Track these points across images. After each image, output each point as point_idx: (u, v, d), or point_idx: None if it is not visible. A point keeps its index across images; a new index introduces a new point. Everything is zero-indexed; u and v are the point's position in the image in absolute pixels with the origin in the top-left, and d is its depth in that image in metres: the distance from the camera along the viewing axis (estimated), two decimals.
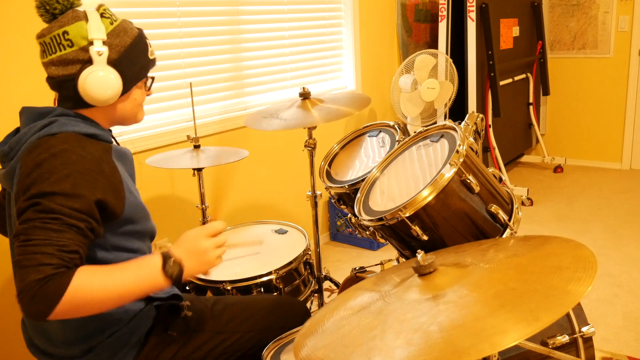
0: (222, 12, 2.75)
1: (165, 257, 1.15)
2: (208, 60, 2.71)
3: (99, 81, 1.19)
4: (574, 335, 1.32)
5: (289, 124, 1.93)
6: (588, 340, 1.33)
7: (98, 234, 1.14)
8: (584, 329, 1.33)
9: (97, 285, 1.05)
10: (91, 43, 1.19)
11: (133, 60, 1.26)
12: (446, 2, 3.90)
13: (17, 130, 1.27)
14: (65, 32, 1.18)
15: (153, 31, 2.45)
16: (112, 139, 1.31)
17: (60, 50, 1.19)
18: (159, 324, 1.35)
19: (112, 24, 1.23)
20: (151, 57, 1.31)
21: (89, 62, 1.19)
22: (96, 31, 1.19)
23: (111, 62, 1.21)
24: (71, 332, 1.25)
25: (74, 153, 1.13)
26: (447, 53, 3.93)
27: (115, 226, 1.22)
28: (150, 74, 1.33)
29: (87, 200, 1.10)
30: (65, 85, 1.21)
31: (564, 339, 1.30)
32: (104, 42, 1.20)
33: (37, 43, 1.24)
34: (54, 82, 1.23)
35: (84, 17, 1.20)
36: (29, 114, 1.22)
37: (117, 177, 1.20)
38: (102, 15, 1.22)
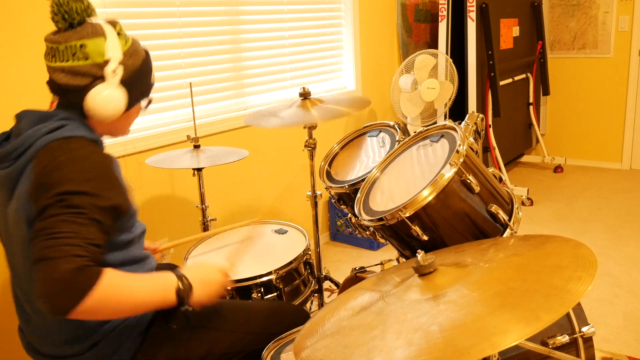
0: (222, 12, 2.75)
1: (180, 277, 1.22)
2: (208, 60, 2.71)
3: (108, 100, 1.22)
4: (574, 335, 1.32)
5: (287, 122, 1.93)
6: (588, 340, 1.33)
7: (111, 234, 1.18)
8: (584, 329, 1.32)
9: (122, 288, 1.10)
10: (107, 61, 1.21)
11: (140, 82, 1.29)
12: (446, 2, 3.90)
13: (9, 133, 1.27)
14: (82, 45, 1.20)
15: (153, 31, 2.45)
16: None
17: (73, 61, 1.21)
18: (160, 317, 1.36)
19: (126, 43, 1.26)
20: (152, 82, 1.35)
21: (100, 78, 1.22)
22: (114, 50, 1.22)
23: (122, 82, 1.24)
24: (75, 330, 1.25)
25: (93, 159, 1.16)
26: (447, 53, 3.93)
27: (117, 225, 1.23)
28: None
29: (108, 201, 1.14)
30: (71, 94, 1.23)
31: (564, 339, 1.30)
32: (119, 62, 1.23)
33: (44, 43, 1.24)
34: (58, 87, 1.24)
35: (103, 33, 1.22)
36: (31, 117, 1.23)
37: (122, 181, 1.23)
38: (118, 34, 1.25)
